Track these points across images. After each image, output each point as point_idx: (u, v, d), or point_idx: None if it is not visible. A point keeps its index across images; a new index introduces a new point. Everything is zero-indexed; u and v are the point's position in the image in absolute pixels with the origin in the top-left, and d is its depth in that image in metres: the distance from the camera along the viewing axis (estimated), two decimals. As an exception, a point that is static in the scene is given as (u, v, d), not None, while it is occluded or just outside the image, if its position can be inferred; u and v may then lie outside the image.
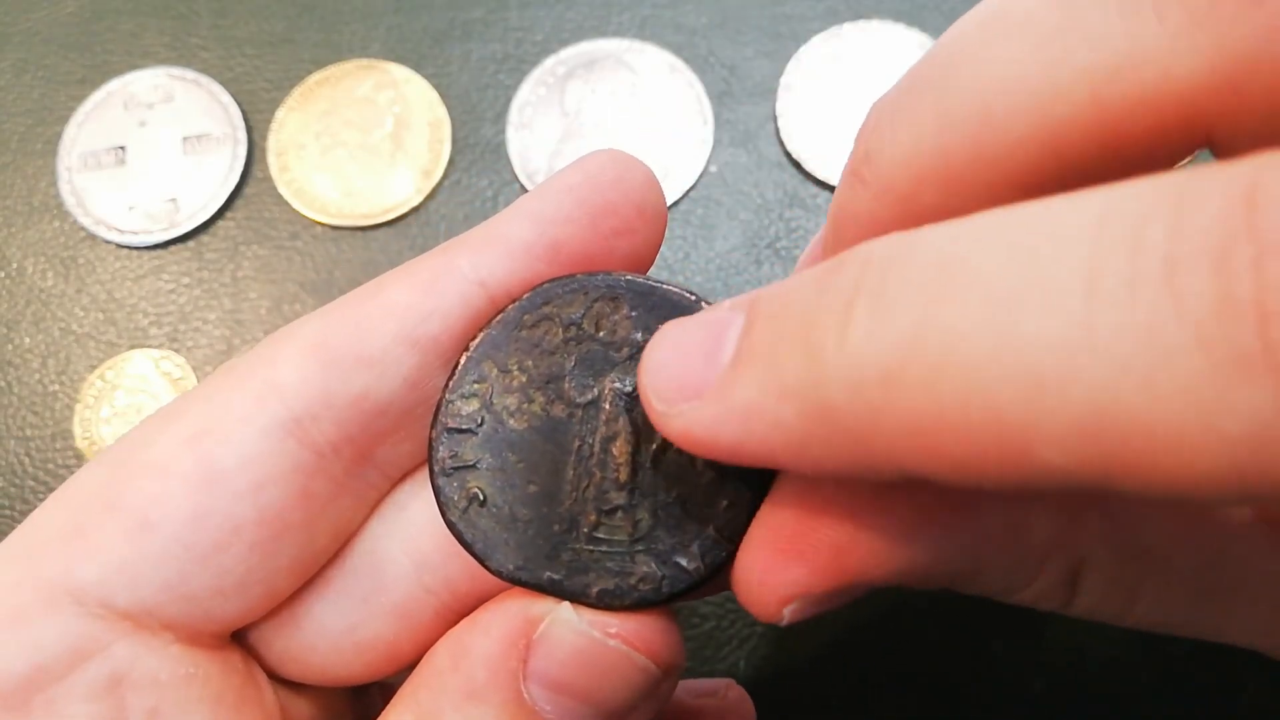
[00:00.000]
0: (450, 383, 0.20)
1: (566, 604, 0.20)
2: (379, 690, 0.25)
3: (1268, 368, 0.11)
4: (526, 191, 0.41)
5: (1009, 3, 0.16)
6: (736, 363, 0.15)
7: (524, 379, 0.20)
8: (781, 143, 0.41)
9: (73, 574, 0.19)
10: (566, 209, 0.20)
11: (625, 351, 0.20)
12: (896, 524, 0.17)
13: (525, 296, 0.20)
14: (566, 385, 0.20)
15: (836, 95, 0.42)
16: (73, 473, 0.39)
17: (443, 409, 0.20)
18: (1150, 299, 0.11)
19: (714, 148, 0.42)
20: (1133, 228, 0.12)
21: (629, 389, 0.20)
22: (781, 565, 0.18)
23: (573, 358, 0.20)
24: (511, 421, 0.20)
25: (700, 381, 0.16)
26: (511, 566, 0.20)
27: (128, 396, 0.40)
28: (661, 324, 0.19)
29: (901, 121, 0.17)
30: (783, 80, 0.42)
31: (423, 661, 0.20)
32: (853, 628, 0.36)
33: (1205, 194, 0.11)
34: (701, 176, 0.41)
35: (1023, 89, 0.15)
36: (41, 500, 0.38)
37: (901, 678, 0.35)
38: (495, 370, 0.20)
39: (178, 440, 0.20)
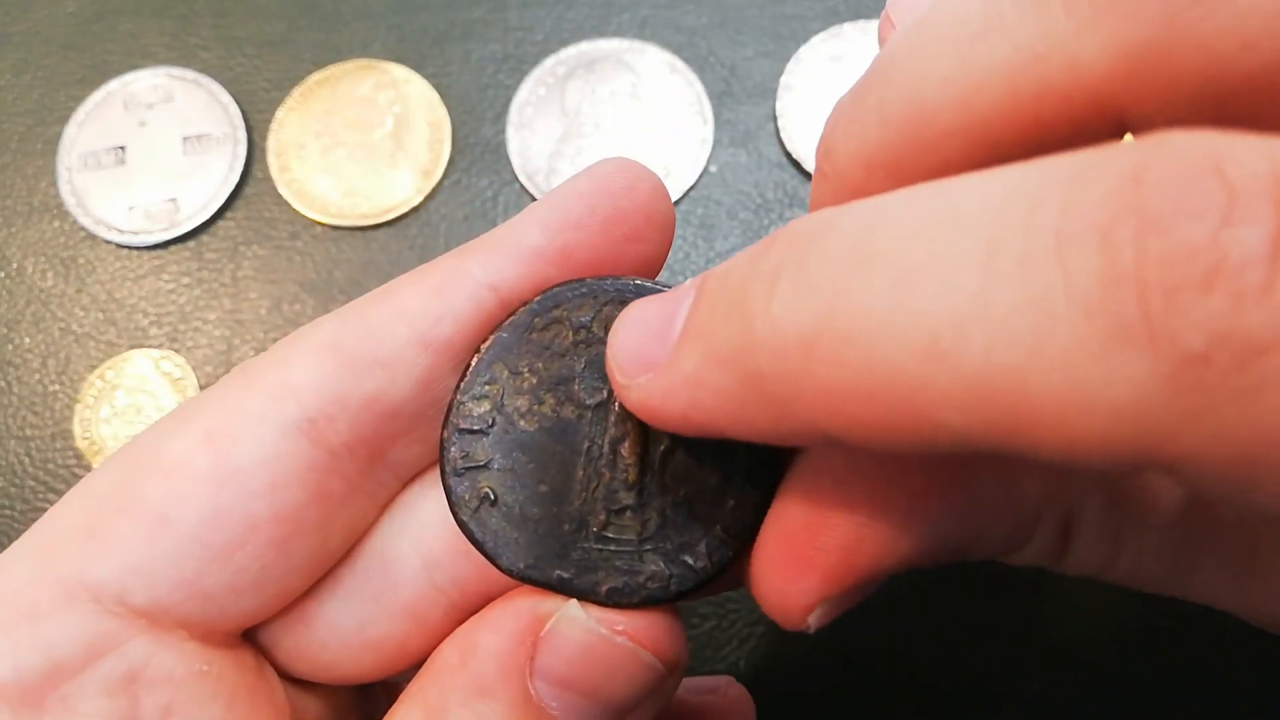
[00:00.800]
0: (462, 384, 0.20)
1: (574, 601, 0.20)
2: (383, 689, 0.25)
3: (1147, 338, 0.11)
4: (526, 191, 0.41)
5: (941, 7, 0.17)
6: (683, 336, 0.16)
7: (534, 381, 0.20)
8: (781, 143, 0.42)
9: (89, 571, 0.19)
10: (576, 215, 0.21)
11: None
12: (897, 511, 0.18)
13: (536, 300, 0.20)
14: (576, 387, 0.20)
15: (836, 95, 0.42)
16: (73, 473, 0.39)
17: (454, 410, 0.20)
18: (1041, 272, 0.12)
19: (714, 148, 0.42)
20: (1029, 204, 0.12)
21: None
22: (796, 575, 0.18)
23: (583, 360, 0.20)
24: (522, 422, 0.20)
25: (655, 355, 0.17)
26: (522, 565, 0.20)
27: (128, 396, 0.40)
28: None
29: (852, 119, 0.18)
30: (783, 80, 0.42)
31: (431, 658, 0.21)
32: (852, 625, 0.36)
33: (1097, 173, 0.12)
34: (701, 176, 0.41)
35: (946, 85, 0.16)
36: (41, 500, 0.39)
37: (900, 676, 0.35)
38: (506, 372, 0.20)
39: (193, 440, 0.20)
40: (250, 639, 0.22)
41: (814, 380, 0.14)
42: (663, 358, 0.17)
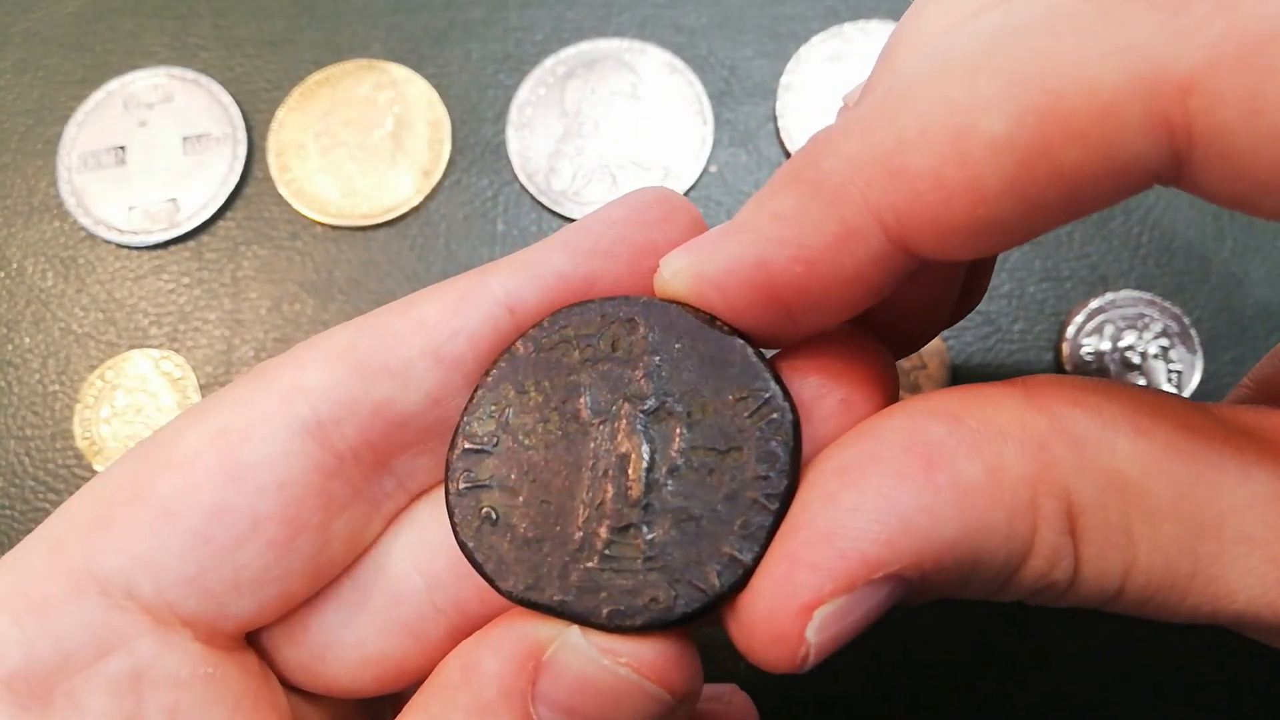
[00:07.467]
0: (470, 404, 0.20)
1: (575, 628, 0.19)
2: (390, 700, 0.25)
3: None
4: (526, 191, 0.41)
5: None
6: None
7: (540, 399, 0.20)
8: (781, 143, 0.41)
9: (97, 562, 0.20)
10: (606, 243, 0.20)
11: (640, 371, 0.20)
12: (885, 499, 0.17)
13: (545, 320, 0.20)
14: (581, 405, 0.20)
15: (836, 95, 0.42)
16: (73, 473, 0.39)
17: (461, 429, 0.20)
18: None
19: (714, 148, 0.42)
20: None
21: (644, 407, 0.20)
22: (794, 577, 0.17)
23: (588, 378, 0.20)
24: (527, 441, 0.20)
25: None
26: (521, 587, 0.19)
27: (128, 396, 0.40)
28: (678, 345, 0.19)
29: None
30: (783, 80, 0.42)
31: (434, 673, 0.20)
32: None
33: None
34: (701, 176, 0.41)
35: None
36: (41, 500, 0.39)
37: (904, 682, 0.35)
38: (513, 391, 0.20)
39: (204, 435, 0.20)
40: (254, 646, 0.22)
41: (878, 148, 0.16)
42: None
